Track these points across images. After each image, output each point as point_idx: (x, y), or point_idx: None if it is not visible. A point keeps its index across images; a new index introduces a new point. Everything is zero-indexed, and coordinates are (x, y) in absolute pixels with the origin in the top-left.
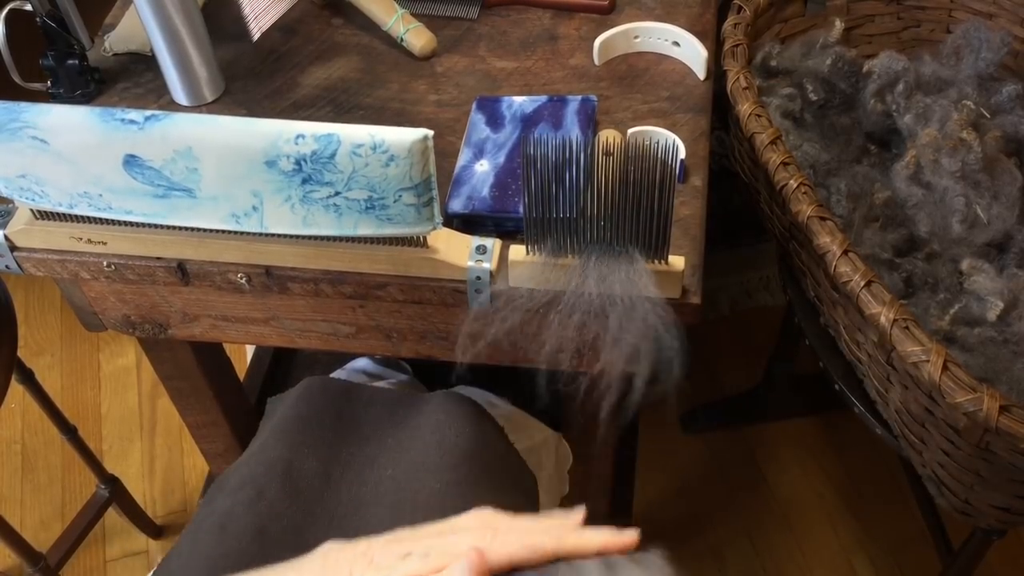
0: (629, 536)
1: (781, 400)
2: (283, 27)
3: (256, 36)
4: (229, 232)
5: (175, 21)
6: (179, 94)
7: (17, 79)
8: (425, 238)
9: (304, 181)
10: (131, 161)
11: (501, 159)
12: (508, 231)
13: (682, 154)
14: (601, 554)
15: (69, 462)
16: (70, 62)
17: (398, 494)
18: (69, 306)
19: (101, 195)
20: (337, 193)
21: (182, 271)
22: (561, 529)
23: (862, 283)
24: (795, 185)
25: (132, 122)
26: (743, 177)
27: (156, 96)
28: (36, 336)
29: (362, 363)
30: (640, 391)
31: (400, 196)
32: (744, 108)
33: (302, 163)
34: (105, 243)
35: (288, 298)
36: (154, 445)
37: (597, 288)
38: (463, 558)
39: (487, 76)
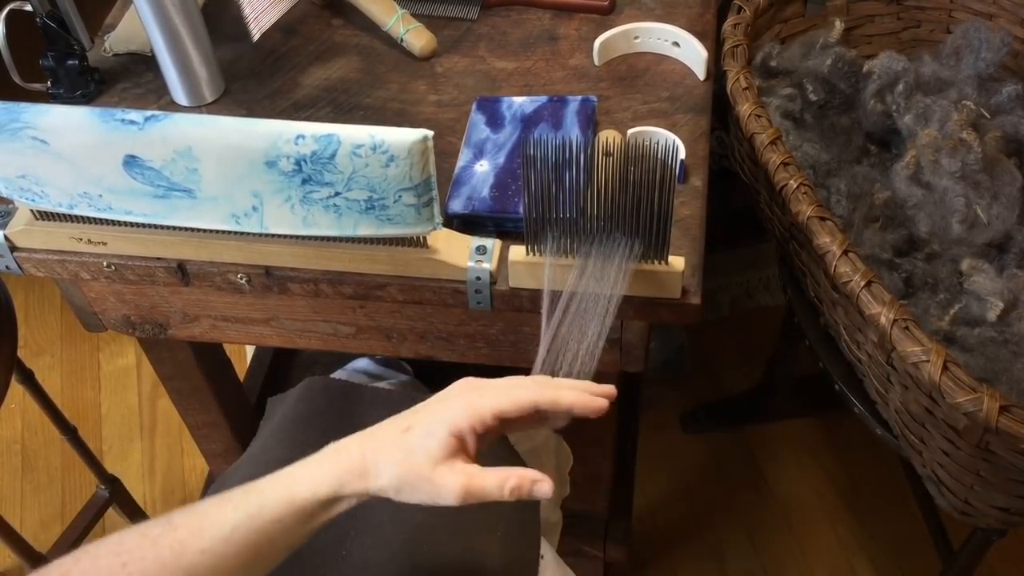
0: (605, 389)
1: (781, 400)
2: (283, 27)
3: (256, 36)
4: (229, 232)
5: (175, 21)
6: (179, 94)
7: (17, 79)
8: (425, 238)
9: (304, 181)
10: (131, 161)
11: (501, 159)
12: (508, 231)
13: (682, 154)
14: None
15: (69, 462)
16: (70, 62)
17: None
18: (69, 306)
19: (101, 195)
20: (337, 193)
21: (182, 271)
22: (539, 384)
23: (862, 283)
24: (795, 185)
25: (132, 122)
26: (743, 177)
27: (156, 96)
28: (36, 336)
29: (362, 363)
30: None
31: (400, 196)
32: (744, 108)
33: (302, 163)
34: (105, 243)
35: (288, 298)
36: (154, 445)
37: (598, 288)
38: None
39: (487, 76)
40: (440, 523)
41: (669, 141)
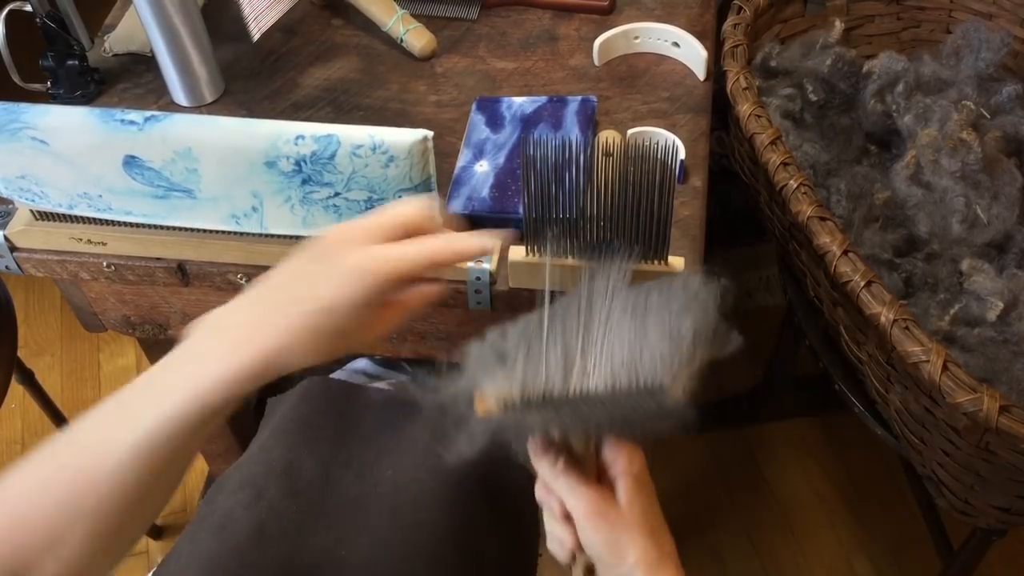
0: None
1: (781, 400)
2: (283, 27)
3: (256, 36)
4: (229, 233)
5: (175, 21)
6: (179, 94)
7: (17, 79)
8: None
9: (304, 182)
10: (131, 162)
11: (501, 160)
12: None
13: (682, 154)
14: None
15: None
16: (70, 63)
17: (397, 495)
18: (69, 306)
19: (101, 196)
20: (337, 194)
21: (182, 272)
22: (443, 239)
23: (862, 283)
24: (795, 185)
25: (132, 123)
26: (743, 177)
27: (156, 97)
28: (36, 336)
29: (362, 363)
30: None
31: (400, 196)
32: (744, 108)
33: (302, 164)
34: (105, 244)
35: None
36: None
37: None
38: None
39: (487, 76)
40: (439, 523)
41: (669, 141)
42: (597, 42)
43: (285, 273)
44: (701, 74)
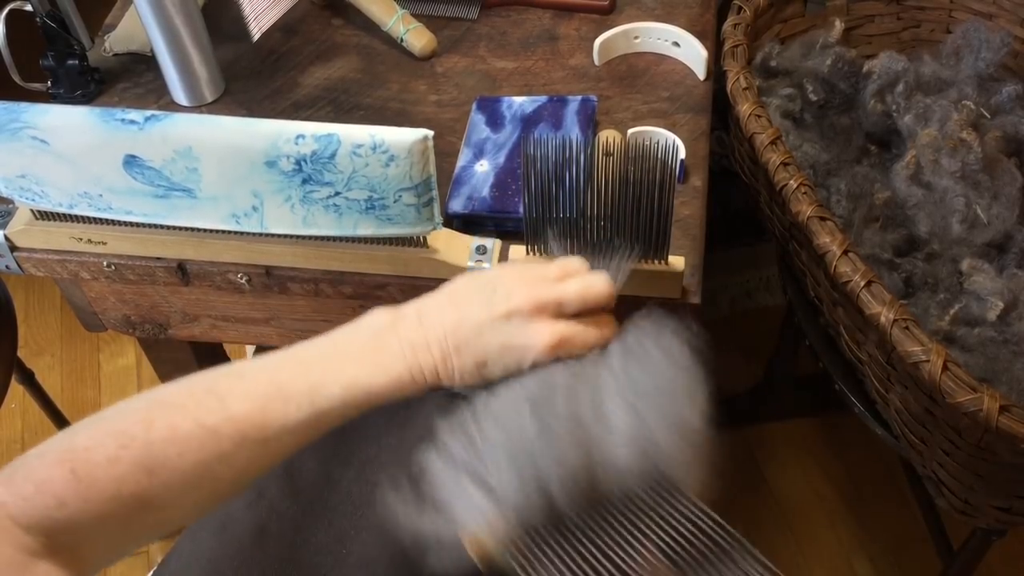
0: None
1: (781, 400)
2: (283, 27)
3: (256, 36)
4: (229, 232)
5: (175, 21)
6: (179, 94)
7: (17, 79)
8: (425, 238)
9: (304, 181)
10: (131, 161)
11: (501, 159)
12: (508, 231)
13: (682, 154)
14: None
15: None
16: (70, 62)
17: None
18: (69, 306)
19: (101, 195)
20: (337, 193)
21: (182, 271)
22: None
23: (862, 283)
24: (795, 185)
25: (132, 122)
26: (743, 177)
27: (156, 96)
28: (36, 336)
29: None
30: None
31: (400, 196)
32: (744, 108)
33: (302, 163)
34: (105, 243)
35: (288, 298)
36: None
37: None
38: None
39: (487, 76)
40: None
41: (669, 141)
42: (597, 42)
43: (478, 304)
44: (701, 74)
